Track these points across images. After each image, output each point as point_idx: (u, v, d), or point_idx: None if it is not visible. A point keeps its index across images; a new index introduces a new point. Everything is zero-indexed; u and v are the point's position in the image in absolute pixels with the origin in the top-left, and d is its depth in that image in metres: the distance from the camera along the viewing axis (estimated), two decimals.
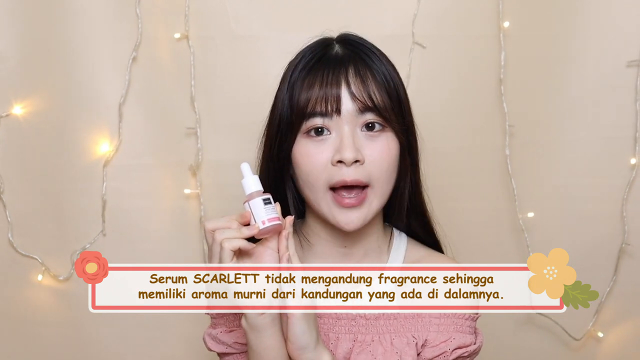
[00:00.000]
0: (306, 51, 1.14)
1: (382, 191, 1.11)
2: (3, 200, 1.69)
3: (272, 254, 1.03)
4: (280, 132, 1.12)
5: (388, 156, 1.09)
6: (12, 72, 1.67)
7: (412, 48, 1.68)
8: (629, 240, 1.71)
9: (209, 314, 1.22)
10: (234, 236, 0.99)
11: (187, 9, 1.66)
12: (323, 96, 1.07)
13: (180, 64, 1.68)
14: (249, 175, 1.04)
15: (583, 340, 1.75)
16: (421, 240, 1.23)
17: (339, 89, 1.08)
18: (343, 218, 1.09)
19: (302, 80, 1.10)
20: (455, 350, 1.11)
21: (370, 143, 1.09)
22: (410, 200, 1.17)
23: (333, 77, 1.08)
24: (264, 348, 1.03)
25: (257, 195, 1.02)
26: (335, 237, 1.16)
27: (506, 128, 1.69)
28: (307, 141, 1.10)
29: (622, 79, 1.68)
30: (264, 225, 1.00)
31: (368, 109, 1.08)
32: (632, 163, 1.70)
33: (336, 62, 1.10)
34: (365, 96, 1.08)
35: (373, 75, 1.09)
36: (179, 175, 1.71)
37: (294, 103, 1.10)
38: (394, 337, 1.12)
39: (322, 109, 1.08)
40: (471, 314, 1.14)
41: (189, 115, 1.69)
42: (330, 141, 1.08)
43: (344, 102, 1.08)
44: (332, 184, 1.08)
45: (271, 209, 1.02)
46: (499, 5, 1.67)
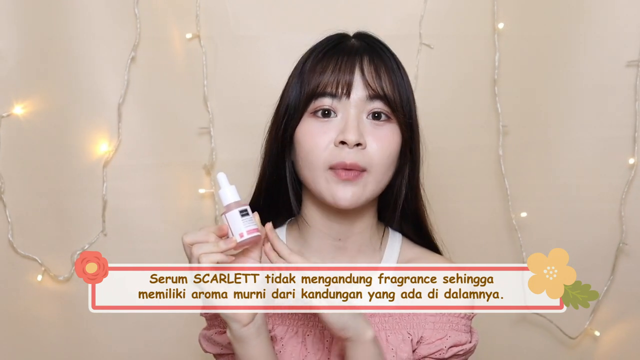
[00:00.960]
0: (322, 41, 1.15)
1: (379, 178, 1.11)
2: (3, 200, 1.69)
3: (255, 264, 1.03)
4: (288, 112, 1.12)
5: (389, 146, 1.10)
6: (12, 72, 1.67)
7: (420, 49, 1.68)
8: (627, 239, 1.72)
9: (204, 315, 1.22)
10: (211, 250, 0.98)
11: (198, 8, 1.66)
12: (335, 79, 1.09)
13: (187, 64, 1.68)
14: (225, 186, 1.02)
15: (579, 339, 1.76)
16: (415, 240, 1.24)
17: (352, 75, 1.09)
18: (339, 193, 1.09)
19: (315, 65, 1.11)
20: (450, 348, 1.12)
21: (374, 131, 1.10)
22: (406, 201, 1.18)
23: (347, 63, 1.10)
24: (249, 358, 1.03)
25: (234, 206, 1.01)
26: (330, 227, 1.16)
27: (500, 128, 1.70)
28: (312, 121, 1.11)
29: (622, 79, 1.69)
30: (242, 237, 0.99)
31: (378, 97, 1.09)
32: (630, 163, 1.71)
33: (351, 51, 1.11)
34: (377, 84, 1.09)
35: (387, 69, 1.11)
36: (182, 174, 1.71)
37: (305, 85, 1.11)
38: (389, 333, 1.13)
39: (332, 90, 1.09)
40: (467, 313, 1.15)
41: (197, 114, 1.69)
42: (335, 123, 1.09)
43: (355, 87, 1.09)
44: (332, 164, 1.08)
45: (249, 220, 1.00)
46: (494, 6, 1.68)
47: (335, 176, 1.08)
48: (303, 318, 1.15)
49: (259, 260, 1.03)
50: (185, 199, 1.72)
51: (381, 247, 1.20)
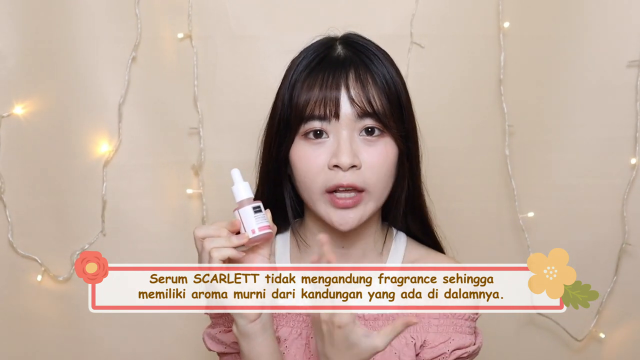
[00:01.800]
0: (309, 50, 1.14)
1: (378, 195, 1.11)
2: (3, 200, 1.69)
3: (264, 261, 1.02)
4: (279, 132, 1.12)
5: (385, 162, 1.09)
6: (12, 72, 1.67)
7: (410, 48, 1.67)
8: (630, 240, 1.71)
9: (208, 313, 1.22)
10: (223, 245, 0.98)
11: (191, 8, 1.66)
12: (322, 99, 1.07)
13: (181, 63, 1.67)
14: (239, 182, 1.02)
15: (585, 341, 1.75)
16: (420, 240, 1.23)
17: (339, 93, 1.07)
18: (338, 218, 1.09)
19: (302, 81, 1.10)
20: (454, 351, 1.11)
21: (368, 148, 1.09)
22: (408, 202, 1.17)
23: (333, 81, 1.08)
24: (255, 354, 1.03)
25: (247, 203, 1.01)
26: (332, 238, 1.15)
27: (506, 128, 1.69)
28: (304, 143, 1.09)
29: (622, 79, 1.68)
30: (254, 234, 0.99)
31: (367, 114, 1.08)
32: (632, 163, 1.70)
33: (337, 65, 1.09)
34: (364, 101, 1.07)
35: (374, 79, 1.09)
36: (180, 175, 1.71)
37: (294, 104, 1.09)
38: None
39: (320, 113, 1.07)
40: (471, 314, 1.14)
41: (190, 115, 1.68)
42: (328, 145, 1.08)
43: (343, 106, 1.07)
44: (329, 187, 1.07)
45: (261, 217, 1.00)
46: (499, 5, 1.67)
47: (332, 203, 1.08)
48: (307, 320, 1.14)
49: (268, 257, 1.03)
50: (185, 199, 1.71)
51: (385, 249, 1.20)
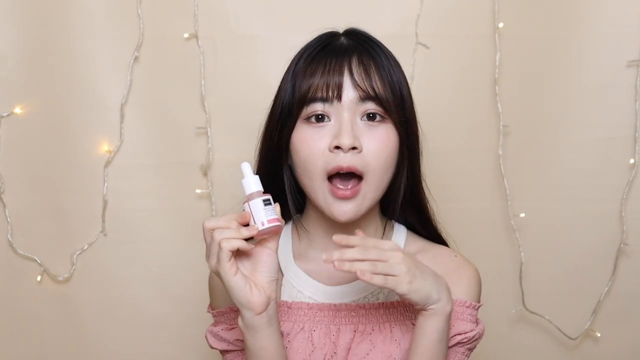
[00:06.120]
0: (312, 42, 1.15)
1: (377, 184, 1.11)
2: (3, 200, 1.69)
3: (271, 254, 1.03)
4: (282, 118, 1.12)
5: (386, 147, 1.10)
6: (12, 72, 1.67)
7: (416, 49, 1.68)
8: (628, 240, 1.72)
9: (211, 312, 1.22)
10: (232, 236, 0.98)
11: (196, 8, 1.66)
12: (325, 83, 1.08)
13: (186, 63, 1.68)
14: (249, 175, 1.03)
15: (579, 340, 1.75)
16: (420, 233, 1.24)
17: (342, 77, 1.08)
18: (337, 209, 1.09)
19: (305, 68, 1.11)
20: (454, 336, 1.12)
21: (369, 132, 1.09)
22: (406, 193, 1.17)
23: (336, 65, 1.09)
24: (259, 348, 1.03)
25: (257, 195, 1.02)
26: (332, 229, 1.16)
27: (500, 128, 1.70)
28: (306, 127, 1.10)
29: (622, 78, 1.69)
30: (263, 226, 1.00)
31: (369, 98, 1.09)
32: (631, 163, 1.71)
33: (340, 51, 1.11)
34: (367, 85, 1.08)
35: (377, 66, 1.10)
36: (182, 175, 1.71)
37: (296, 89, 1.10)
38: (393, 325, 1.13)
39: (323, 95, 1.08)
40: (472, 302, 1.15)
41: (196, 114, 1.69)
42: (329, 127, 1.09)
43: (346, 89, 1.08)
44: (329, 170, 1.08)
45: (271, 209, 1.01)
46: (494, 5, 1.68)
47: (332, 193, 1.08)
48: (309, 314, 1.15)
49: (276, 250, 1.03)
50: (186, 199, 1.72)
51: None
